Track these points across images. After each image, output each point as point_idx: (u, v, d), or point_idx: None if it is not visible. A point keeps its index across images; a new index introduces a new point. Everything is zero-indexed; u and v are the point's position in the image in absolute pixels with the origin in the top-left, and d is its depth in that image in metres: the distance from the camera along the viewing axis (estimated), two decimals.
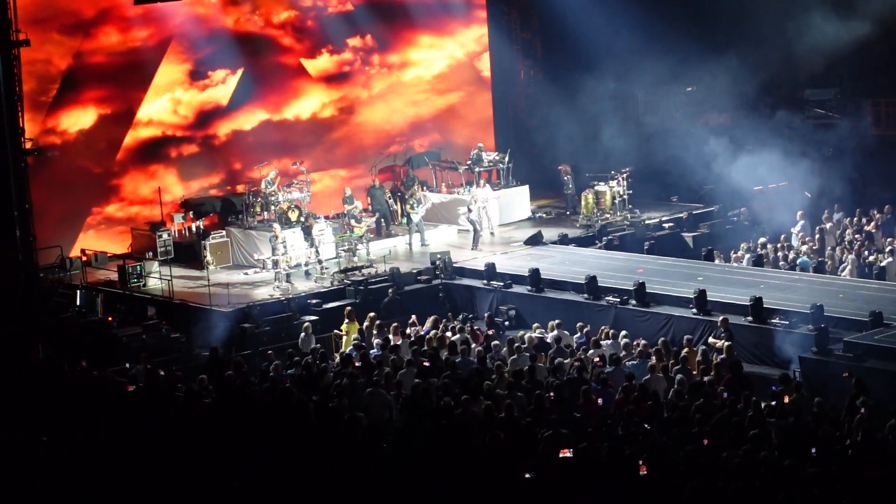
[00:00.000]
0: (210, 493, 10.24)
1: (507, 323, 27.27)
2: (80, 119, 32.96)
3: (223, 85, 34.89)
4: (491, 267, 29.49)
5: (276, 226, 30.51)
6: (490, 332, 25.12)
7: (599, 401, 20.63)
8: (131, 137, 33.78)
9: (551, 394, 20.29)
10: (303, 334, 25.79)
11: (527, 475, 12.05)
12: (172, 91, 34.33)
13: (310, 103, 36.54)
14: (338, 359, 24.01)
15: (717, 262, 30.37)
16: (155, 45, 33.88)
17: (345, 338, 26.09)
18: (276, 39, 35.97)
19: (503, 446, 16.30)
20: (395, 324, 25.67)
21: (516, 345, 23.48)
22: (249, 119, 35.52)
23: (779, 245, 30.79)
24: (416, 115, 38.46)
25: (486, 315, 27.06)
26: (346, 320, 26.34)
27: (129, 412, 18.91)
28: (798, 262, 29.35)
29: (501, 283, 28.95)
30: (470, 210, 32.81)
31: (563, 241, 32.54)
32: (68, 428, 16.72)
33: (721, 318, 24.20)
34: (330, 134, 37.03)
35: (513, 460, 14.93)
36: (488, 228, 33.63)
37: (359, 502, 10.56)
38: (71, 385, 21.24)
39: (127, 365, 24.26)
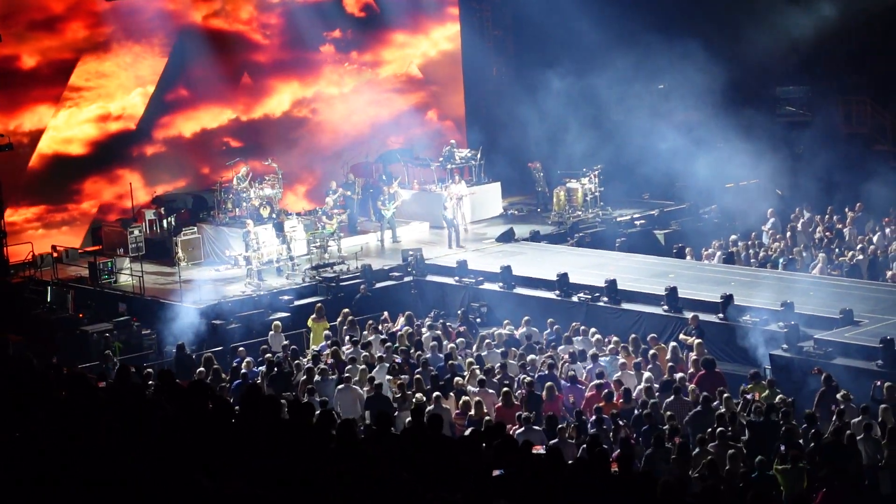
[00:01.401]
0: (180, 493, 10.21)
1: (479, 320, 27.22)
2: (44, 116, 32.77)
3: (192, 83, 34.73)
4: (463, 264, 29.48)
5: (250, 221, 30.41)
6: (462, 329, 25.12)
7: (570, 397, 20.71)
8: (99, 132, 33.61)
9: (523, 390, 20.33)
10: (271, 332, 25.72)
11: (497, 472, 12.04)
12: (144, 87, 34.19)
13: (280, 101, 36.42)
14: (309, 355, 23.96)
15: (688, 259, 30.41)
16: (122, 41, 33.73)
17: (312, 335, 26.04)
18: (245, 35, 35.85)
19: (474, 443, 16.29)
20: (370, 321, 25.66)
21: (487, 341, 23.50)
22: (218, 117, 35.38)
23: (749, 242, 30.87)
24: (389, 112, 38.32)
25: (459, 312, 27.02)
26: (315, 316, 26.28)
27: (100, 409, 18.79)
28: (780, 261, 29.32)
29: (473, 280, 28.93)
30: (445, 207, 32.69)
31: (535, 237, 32.56)
32: (42, 426, 16.61)
33: (692, 315, 24.25)
34: (299, 131, 36.91)
35: (484, 457, 14.92)
36: (462, 225, 33.52)
37: (334, 498, 10.54)
38: (42, 381, 21.09)
39: (114, 361, 24.19)
